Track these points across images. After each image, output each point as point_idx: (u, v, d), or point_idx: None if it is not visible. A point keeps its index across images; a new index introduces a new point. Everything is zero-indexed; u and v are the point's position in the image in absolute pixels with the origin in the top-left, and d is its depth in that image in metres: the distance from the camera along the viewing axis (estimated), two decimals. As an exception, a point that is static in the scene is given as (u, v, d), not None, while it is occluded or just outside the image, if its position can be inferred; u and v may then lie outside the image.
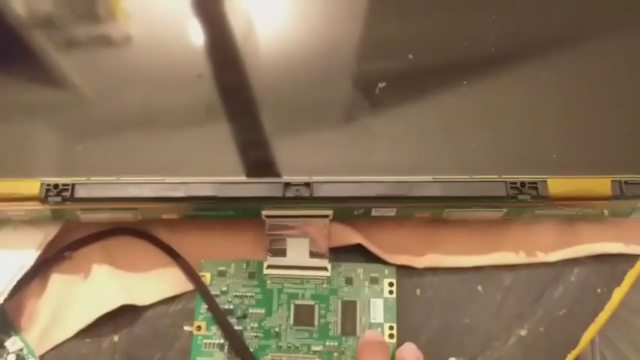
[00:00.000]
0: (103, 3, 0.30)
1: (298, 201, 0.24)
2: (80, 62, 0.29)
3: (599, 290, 0.27)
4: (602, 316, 0.27)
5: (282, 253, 0.27)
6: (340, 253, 0.27)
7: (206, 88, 0.28)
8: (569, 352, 0.26)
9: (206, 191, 0.24)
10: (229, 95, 0.27)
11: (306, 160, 0.26)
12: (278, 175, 0.25)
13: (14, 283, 0.26)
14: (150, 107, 0.27)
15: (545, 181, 0.24)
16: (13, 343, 0.26)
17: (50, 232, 0.27)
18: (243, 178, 0.24)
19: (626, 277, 0.27)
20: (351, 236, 0.27)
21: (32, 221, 0.27)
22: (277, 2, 0.30)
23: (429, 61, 0.28)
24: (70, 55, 0.29)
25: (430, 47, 0.28)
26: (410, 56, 0.27)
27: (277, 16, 0.30)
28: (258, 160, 0.26)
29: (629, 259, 0.28)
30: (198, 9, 0.30)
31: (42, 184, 0.24)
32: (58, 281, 0.27)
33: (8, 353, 0.26)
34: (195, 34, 0.29)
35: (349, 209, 0.26)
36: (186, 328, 0.27)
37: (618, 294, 0.27)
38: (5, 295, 0.25)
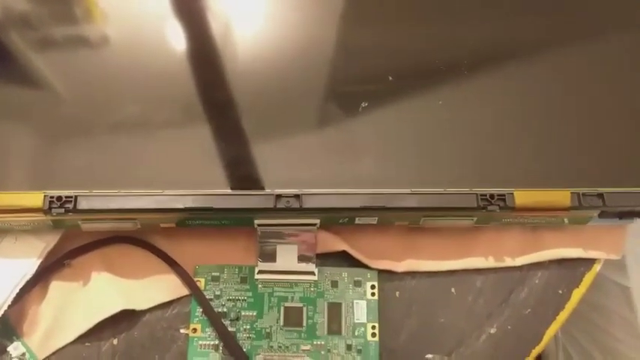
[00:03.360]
0: (80, 4, 0.31)
1: (289, 211, 0.26)
2: (58, 64, 0.30)
3: (560, 291, 0.30)
4: (563, 315, 0.29)
5: (272, 258, 0.29)
6: (326, 259, 0.29)
7: (186, 91, 0.29)
8: (534, 348, 0.29)
9: (203, 203, 0.26)
10: (209, 98, 0.29)
11: (294, 172, 0.27)
12: (263, 187, 0.27)
13: (17, 290, 0.27)
14: (130, 111, 0.29)
15: (512, 193, 0.26)
16: (15, 348, 0.27)
17: (50, 241, 0.28)
18: (238, 191, 0.26)
19: (584, 279, 0.30)
20: (336, 243, 0.29)
21: (33, 231, 0.28)
22: (258, 6, 0.32)
23: (407, 81, 0.30)
24: (47, 56, 0.30)
25: (408, 68, 0.30)
26: (390, 78, 0.29)
27: (257, 21, 0.31)
28: (248, 173, 0.27)
29: (586, 262, 0.30)
30: (177, 10, 0.31)
31: (45, 196, 0.26)
32: (58, 288, 0.28)
33: (11, 358, 0.27)
34: (174, 36, 0.30)
35: (335, 218, 0.28)
36: (182, 330, 0.28)
37: (577, 294, 0.30)
38: (9, 302, 0.27)
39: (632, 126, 0.29)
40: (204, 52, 0.31)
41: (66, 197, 0.26)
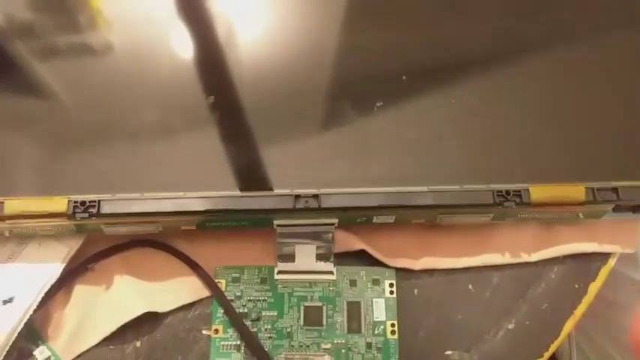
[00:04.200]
0: (84, 12, 0.32)
1: (307, 211, 0.27)
2: (66, 71, 0.30)
3: (576, 286, 0.30)
4: (580, 309, 0.30)
5: (291, 259, 0.29)
6: (344, 258, 0.30)
7: (195, 95, 0.29)
8: (552, 342, 0.29)
9: (225, 205, 0.26)
10: (222, 101, 0.29)
11: (312, 172, 0.28)
12: (281, 188, 0.27)
13: (42, 295, 0.27)
14: (138, 118, 0.29)
15: (528, 189, 0.27)
16: (41, 352, 0.28)
17: (73, 245, 0.29)
18: (257, 192, 0.27)
19: (600, 272, 0.30)
20: (354, 242, 0.29)
21: (56, 236, 0.28)
22: (262, 9, 0.32)
23: (420, 80, 0.30)
24: (54, 65, 0.30)
25: (420, 67, 0.31)
26: (403, 77, 0.30)
27: (268, 23, 0.32)
28: (266, 174, 0.28)
29: (602, 257, 0.30)
30: (180, 16, 0.32)
31: (69, 201, 0.26)
32: (81, 292, 0.29)
33: (37, 361, 0.28)
34: (179, 41, 0.31)
35: (353, 217, 0.28)
36: (204, 331, 0.29)
37: (594, 288, 0.30)
38: (34, 307, 0.27)
39: (645, 120, 0.29)
40: (212, 56, 0.31)
41: (90, 202, 0.26)
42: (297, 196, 0.26)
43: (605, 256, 0.31)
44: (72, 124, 0.29)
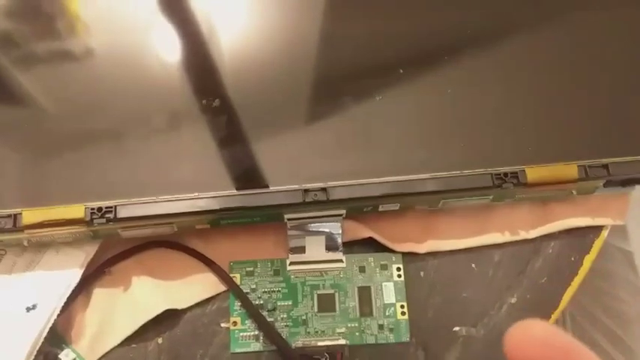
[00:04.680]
0: (62, 18, 0.32)
1: (316, 204, 0.28)
2: (42, 79, 0.31)
3: (572, 259, 0.32)
4: (577, 280, 0.31)
5: (301, 250, 0.30)
6: (352, 246, 0.31)
7: (188, 97, 0.30)
8: (552, 313, 0.31)
9: (238, 202, 0.27)
10: (224, 105, 0.30)
11: (318, 167, 0.29)
12: (290, 183, 0.28)
13: (64, 300, 0.28)
14: (134, 122, 0.30)
15: (524, 170, 0.28)
16: (66, 355, 0.28)
17: (90, 251, 0.29)
18: (267, 189, 0.28)
19: (593, 245, 0.32)
20: (362, 231, 0.31)
21: (73, 242, 0.29)
22: (247, 5, 0.33)
23: (415, 71, 0.31)
24: (31, 72, 0.31)
25: (415, 58, 0.32)
26: (401, 71, 0.31)
27: (244, 19, 0.33)
28: (274, 170, 0.29)
29: (595, 230, 0.32)
30: (160, 17, 0.32)
31: (86, 208, 0.27)
32: (100, 295, 0.30)
33: (64, 364, 0.28)
34: (159, 42, 0.32)
35: (359, 207, 0.29)
36: (223, 325, 0.30)
37: (588, 260, 0.32)
38: (57, 312, 0.28)
39: (631, 97, 0.31)
40: (200, 54, 0.32)
41: (106, 208, 0.27)
42: (306, 191, 0.28)
43: (597, 229, 0.32)
44: (59, 133, 0.29)
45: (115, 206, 0.27)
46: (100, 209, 0.27)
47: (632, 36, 0.32)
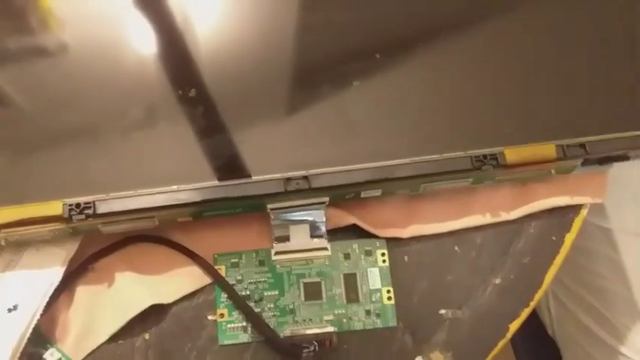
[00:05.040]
0: (35, 13, 0.32)
1: (299, 193, 0.28)
2: (16, 75, 0.30)
3: (553, 238, 0.32)
4: (559, 259, 0.32)
5: (286, 239, 0.30)
6: (337, 233, 0.31)
7: (166, 89, 0.30)
8: (536, 292, 0.31)
9: (220, 193, 0.27)
10: (200, 96, 0.30)
11: (299, 154, 0.29)
12: (272, 172, 0.28)
13: (46, 299, 0.28)
14: (112, 116, 0.29)
15: (503, 152, 0.28)
16: (51, 355, 0.28)
17: (71, 248, 0.29)
18: (249, 179, 0.28)
19: (573, 224, 0.32)
20: (345, 218, 0.31)
21: (53, 240, 0.29)
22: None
23: (392, 56, 0.31)
24: (3, 69, 0.30)
25: (390, 42, 0.32)
26: (377, 55, 0.31)
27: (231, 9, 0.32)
28: (255, 160, 0.29)
29: (574, 208, 0.33)
30: (134, 10, 0.32)
31: (64, 204, 0.27)
32: (84, 292, 0.29)
33: (49, 364, 0.28)
34: (135, 36, 0.31)
35: (342, 194, 0.29)
36: (210, 317, 0.30)
37: (569, 239, 0.32)
38: (40, 312, 0.28)
39: (606, 76, 0.31)
40: (173, 46, 0.32)
41: (85, 203, 0.27)
42: (288, 179, 0.27)
43: (577, 208, 0.33)
44: (34, 129, 0.29)
45: (94, 202, 0.27)
46: (78, 205, 0.27)
47: (607, 15, 0.33)
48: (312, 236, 0.30)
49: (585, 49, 0.32)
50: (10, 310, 0.27)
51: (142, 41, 0.31)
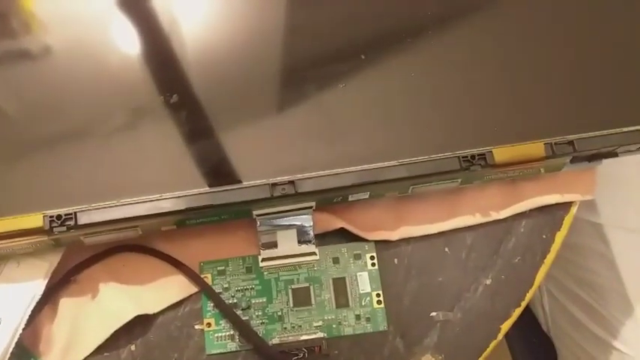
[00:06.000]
0: (16, 16, 0.31)
1: (285, 198, 0.27)
2: (4, 80, 0.29)
3: (544, 236, 0.32)
4: (550, 257, 0.32)
5: (273, 245, 0.30)
6: (325, 237, 0.31)
7: (148, 93, 0.29)
8: (528, 291, 0.31)
9: (203, 201, 0.26)
10: (183, 101, 0.29)
11: (284, 159, 0.28)
12: (257, 178, 0.27)
13: (29, 313, 0.27)
14: (94, 122, 0.29)
15: (491, 151, 0.28)
16: (35, 369, 0.28)
17: (53, 260, 0.28)
18: (234, 185, 0.27)
19: (564, 222, 0.32)
20: (333, 222, 0.30)
21: (35, 252, 0.28)
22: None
23: (378, 57, 0.31)
24: None
25: (375, 43, 0.31)
26: (362, 57, 0.30)
27: (215, 10, 0.32)
28: (239, 166, 0.28)
29: (564, 206, 0.32)
30: (118, 12, 0.31)
31: (44, 216, 0.26)
32: (68, 305, 0.29)
33: (33, 378, 0.27)
34: (119, 38, 0.31)
35: (329, 198, 0.29)
36: (197, 327, 0.29)
37: (560, 237, 0.32)
38: (22, 326, 0.27)
39: (592, 73, 0.31)
40: (158, 50, 0.31)
41: (65, 215, 0.26)
42: (274, 185, 0.27)
43: (567, 206, 0.32)
44: (12, 137, 0.28)
45: (75, 212, 0.26)
46: (59, 217, 0.26)
47: (594, 11, 0.32)
48: (300, 241, 0.30)
49: (572, 46, 0.31)
50: (-9, 325, 0.27)
51: (127, 44, 0.30)
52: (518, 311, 0.31)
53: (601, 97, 0.30)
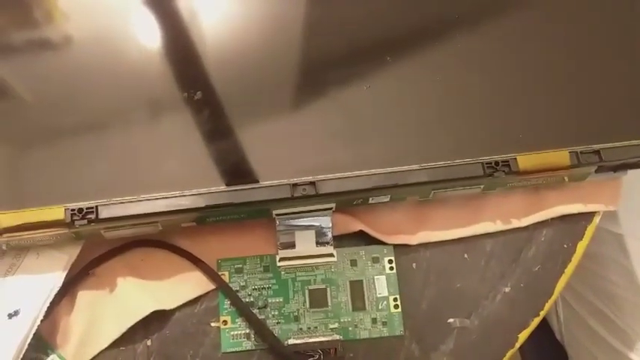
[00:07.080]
0: (40, 6, 0.31)
1: (305, 199, 0.27)
2: (18, 70, 0.30)
3: (565, 246, 0.31)
4: (571, 267, 0.31)
5: (291, 245, 0.30)
6: (343, 240, 0.30)
7: (170, 88, 0.29)
8: (547, 301, 0.30)
9: (224, 199, 0.26)
10: (207, 98, 0.29)
11: (306, 160, 0.28)
12: (278, 178, 0.27)
13: (47, 304, 0.27)
14: (117, 115, 0.29)
15: (515, 158, 0.28)
16: (52, 360, 0.28)
17: (73, 252, 0.29)
18: (255, 184, 0.27)
19: (586, 231, 0.32)
20: (352, 224, 0.30)
21: (54, 245, 0.28)
22: None
23: (404, 60, 0.30)
24: (6, 63, 0.30)
25: (403, 46, 0.31)
26: (388, 58, 0.30)
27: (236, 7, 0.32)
28: (261, 165, 0.28)
29: (587, 216, 0.32)
30: (139, 4, 0.31)
31: (66, 209, 0.26)
32: (86, 298, 0.29)
33: (50, 370, 0.28)
34: (139, 30, 0.31)
35: (349, 200, 0.29)
36: (213, 324, 0.29)
37: (582, 247, 0.31)
38: (41, 317, 0.27)
39: (621, 82, 0.30)
40: (180, 46, 0.31)
41: (87, 208, 0.26)
42: (295, 185, 0.27)
43: (590, 215, 0.32)
44: (35, 128, 0.28)
45: (97, 206, 0.26)
46: (80, 210, 0.26)
47: (620, 19, 0.32)
48: (318, 242, 0.30)
49: (602, 55, 0.31)
50: (10, 316, 0.27)
51: (148, 38, 0.30)
52: (536, 321, 0.30)
53: (629, 107, 0.30)
